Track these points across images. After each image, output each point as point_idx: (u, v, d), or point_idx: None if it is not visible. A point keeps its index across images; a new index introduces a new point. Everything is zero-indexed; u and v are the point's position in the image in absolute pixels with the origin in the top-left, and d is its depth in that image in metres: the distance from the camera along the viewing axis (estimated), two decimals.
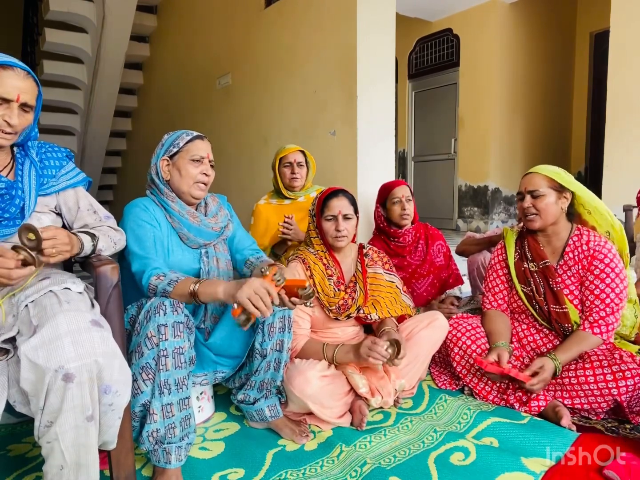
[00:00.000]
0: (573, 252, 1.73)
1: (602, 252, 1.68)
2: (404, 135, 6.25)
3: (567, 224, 1.76)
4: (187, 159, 1.49)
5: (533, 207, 1.70)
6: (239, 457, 1.46)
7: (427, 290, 2.34)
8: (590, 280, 1.69)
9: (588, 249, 1.70)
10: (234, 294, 1.22)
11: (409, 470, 1.36)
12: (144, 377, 1.27)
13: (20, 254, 1.04)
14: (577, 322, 1.70)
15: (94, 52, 5.03)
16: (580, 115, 5.85)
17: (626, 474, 1.23)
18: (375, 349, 1.53)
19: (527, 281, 1.78)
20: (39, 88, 1.22)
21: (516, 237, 1.88)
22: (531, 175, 1.74)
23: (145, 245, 1.39)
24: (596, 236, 1.73)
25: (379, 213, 2.36)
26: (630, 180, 3.79)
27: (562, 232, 1.75)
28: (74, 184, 1.37)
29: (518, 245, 1.85)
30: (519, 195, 1.77)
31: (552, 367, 1.60)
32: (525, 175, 1.77)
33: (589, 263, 1.69)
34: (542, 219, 1.71)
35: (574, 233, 1.75)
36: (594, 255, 1.69)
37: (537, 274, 1.76)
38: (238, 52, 4.32)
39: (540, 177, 1.71)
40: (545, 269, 1.74)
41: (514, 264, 1.83)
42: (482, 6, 5.19)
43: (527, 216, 1.73)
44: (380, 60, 3.19)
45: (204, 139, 1.55)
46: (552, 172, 1.71)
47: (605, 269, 1.67)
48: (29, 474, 1.38)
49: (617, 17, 3.88)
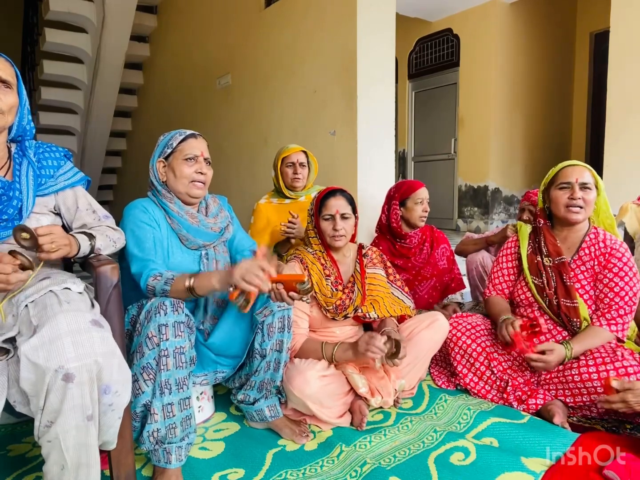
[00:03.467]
0: (589, 248, 1.74)
1: (620, 250, 1.70)
2: (404, 135, 6.25)
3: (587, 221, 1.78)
4: (180, 159, 1.48)
5: (582, 199, 1.68)
6: (239, 457, 1.46)
7: (429, 293, 2.33)
8: (610, 278, 1.69)
9: (605, 247, 1.71)
10: (229, 279, 1.24)
11: (409, 470, 1.36)
12: (145, 378, 1.27)
13: (18, 259, 1.04)
14: (585, 317, 1.70)
15: (94, 52, 5.03)
16: (580, 115, 5.85)
17: (626, 474, 1.23)
18: (373, 343, 1.53)
19: (539, 273, 1.78)
20: (14, 69, 1.22)
21: (530, 231, 1.88)
22: (580, 167, 1.71)
23: (145, 246, 1.39)
24: (611, 235, 1.75)
25: (396, 212, 2.30)
26: (630, 180, 3.79)
27: (583, 228, 1.77)
28: (73, 184, 1.37)
29: (532, 239, 1.85)
30: (564, 185, 1.70)
31: (561, 355, 1.59)
32: (569, 167, 1.73)
33: (606, 260, 1.70)
34: (586, 212, 1.71)
35: (591, 231, 1.76)
36: (612, 253, 1.70)
37: (551, 269, 1.76)
38: (238, 52, 4.32)
39: (588, 171, 1.71)
40: (561, 265, 1.74)
41: (526, 256, 1.83)
42: (482, 6, 5.19)
43: (573, 207, 1.69)
44: (380, 60, 3.19)
45: (198, 137, 1.53)
46: (592, 169, 1.72)
47: (623, 267, 1.68)
48: (29, 474, 1.38)
49: (617, 17, 3.88)
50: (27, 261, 1.05)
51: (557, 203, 1.72)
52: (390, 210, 2.32)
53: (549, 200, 1.77)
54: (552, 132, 5.74)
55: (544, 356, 1.57)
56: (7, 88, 1.19)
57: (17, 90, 1.22)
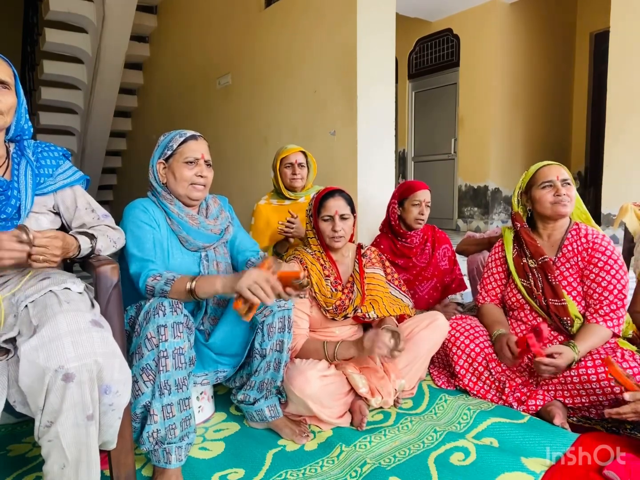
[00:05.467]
0: (572, 244, 1.75)
1: (602, 244, 1.70)
2: (404, 135, 6.25)
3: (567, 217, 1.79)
4: (180, 162, 1.46)
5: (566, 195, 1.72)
6: (239, 457, 1.45)
7: (430, 293, 2.33)
8: (596, 273, 1.69)
9: (587, 242, 1.72)
10: (233, 286, 1.23)
11: (409, 470, 1.36)
12: (144, 379, 1.27)
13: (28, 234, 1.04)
14: (576, 315, 1.69)
15: (94, 52, 5.03)
16: (580, 115, 5.85)
17: (626, 474, 1.23)
18: (378, 339, 1.53)
19: (527, 275, 1.80)
20: (12, 68, 1.22)
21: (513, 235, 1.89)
22: (556, 166, 1.76)
23: (144, 247, 1.39)
24: (593, 229, 1.75)
25: (394, 210, 2.31)
26: (630, 180, 3.80)
27: (565, 224, 1.78)
28: (72, 183, 1.36)
29: (516, 243, 1.87)
30: (546, 184, 1.73)
31: (570, 357, 1.57)
32: (545, 167, 1.77)
33: (589, 255, 1.71)
34: (572, 206, 1.75)
35: (572, 227, 1.78)
36: (594, 247, 1.70)
37: (537, 270, 1.77)
38: (238, 52, 4.32)
39: (564, 168, 1.76)
40: (544, 265, 1.75)
41: (512, 259, 1.85)
42: (482, 6, 5.20)
43: (561, 202, 1.71)
44: (380, 60, 3.19)
45: (198, 138, 1.51)
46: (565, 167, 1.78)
47: (608, 260, 1.67)
48: (29, 474, 1.38)
49: (617, 17, 3.88)
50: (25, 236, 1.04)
51: (543, 202, 1.74)
52: (389, 208, 2.33)
53: (532, 202, 1.79)
54: (552, 132, 5.74)
55: (555, 360, 1.54)
56: (5, 89, 1.18)
57: (15, 90, 1.22)
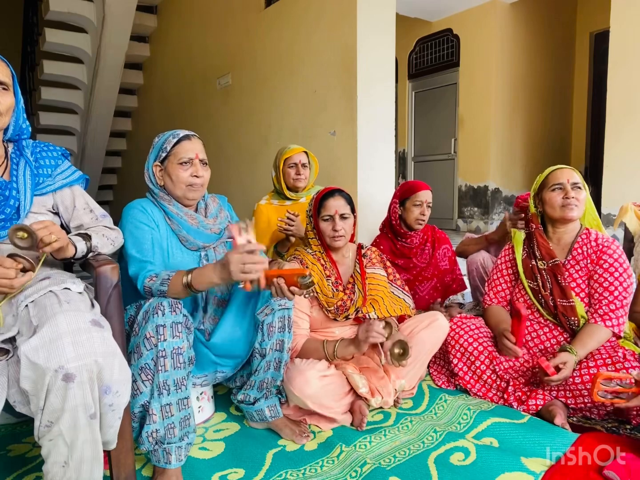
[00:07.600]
0: (582, 247, 1.78)
1: (611, 247, 1.74)
2: (404, 135, 6.25)
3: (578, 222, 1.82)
4: (175, 163, 1.45)
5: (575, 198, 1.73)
6: (239, 457, 1.45)
7: (430, 293, 2.33)
8: (600, 274, 1.73)
9: (597, 245, 1.76)
10: (227, 277, 1.25)
11: (409, 470, 1.36)
12: (143, 378, 1.27)
13: (20, 263, 1.05)
14: (583, 315, 1.73)
15: (94, 52, 5.03)
16: (580, 115, 5.85)
17: (626, 474, 1.23)
18: (372, 328, 1.54)
19: (534, 277, 1.82)
20: (10, 68, 1.22)
21: (524, 237, 1.92)
22: (568, 169, 1.78)
23: (143, 248, 1.38)
24: (603, 235, 1.79)
25: (395, 210, 2.31)
26: (630, 180, 3.79)
27: (576, 228, 1.82)
28: (70, 183, 1.36)
29: (526, 244, 1.90)
30: (556, 186, 1.76)
31: (573, 365, 1.60)
32: (558, 170, 1.79)
33: (597, 257, 1.74)
34: (580, 210, 1.76)
35: (583, 231, 1.81)
36: (603, 250, 1.74)
37: (546, 271, 1.80)
38: (238, 52, 4.32)
39: (576, 172, 1.78)
40: (555, 267, 1.78)
41: (521, 260, 1.88)
42: (482, 6, 5.19)
43: (569, 205, 1.73)
44: (380, 60, 3.19)
45: (192, 138, 1.49)
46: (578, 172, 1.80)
47: (614, 263, 1.71)
48: (29, 474, 1.38)
49: (617, 17, 3.88)
50: (28, 263, 1.07)
51: (553, 204, 1.76)
52: (390, 207, 2.33)
53: (542, 204, 1.81)
54: (552, 132, 5.74)
55: (563, 375, 1.57)
56: (4, 89, 1.18)
57: (13, 90, 1.22)
